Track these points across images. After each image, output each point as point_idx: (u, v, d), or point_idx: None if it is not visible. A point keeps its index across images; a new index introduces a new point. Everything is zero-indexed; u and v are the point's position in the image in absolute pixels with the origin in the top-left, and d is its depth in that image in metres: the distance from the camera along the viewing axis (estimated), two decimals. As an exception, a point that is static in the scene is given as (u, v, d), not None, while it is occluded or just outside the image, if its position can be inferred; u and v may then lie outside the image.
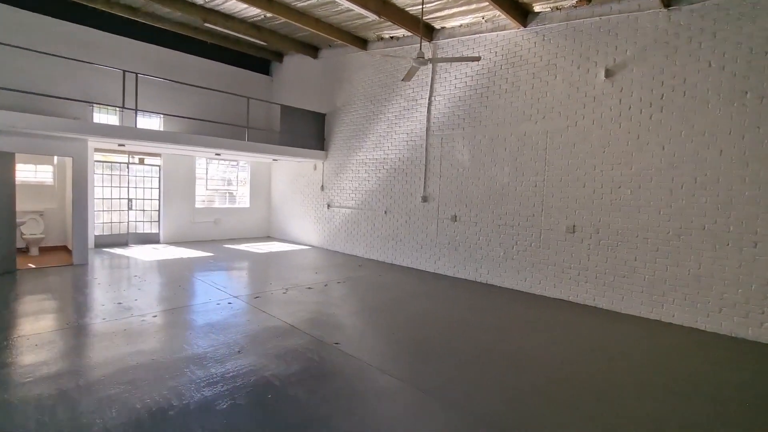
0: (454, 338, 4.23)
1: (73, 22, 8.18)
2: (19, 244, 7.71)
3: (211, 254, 8.54)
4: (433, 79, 7.50)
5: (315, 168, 10.13)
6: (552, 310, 5.41)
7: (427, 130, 7.62)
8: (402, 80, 5.80)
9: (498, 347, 4.05)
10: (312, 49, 9.79)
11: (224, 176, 11.01)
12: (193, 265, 7.42)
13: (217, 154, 9.35)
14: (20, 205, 7.77)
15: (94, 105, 8.36)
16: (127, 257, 7.86)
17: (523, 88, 6.30)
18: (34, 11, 7.73)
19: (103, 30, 8.59)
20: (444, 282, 6.82)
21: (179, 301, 5.13)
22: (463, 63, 6.97)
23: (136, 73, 6.99)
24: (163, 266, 7.19)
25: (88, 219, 8.38)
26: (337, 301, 5.47)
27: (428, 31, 7.32)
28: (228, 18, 8.08)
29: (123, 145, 7.89)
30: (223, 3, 7.44)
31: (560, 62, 5.90)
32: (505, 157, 6.53)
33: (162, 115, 9.33)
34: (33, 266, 6.68)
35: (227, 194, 11.08)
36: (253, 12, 7.72)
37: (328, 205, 9.70)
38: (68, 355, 3.49)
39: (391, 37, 8.08)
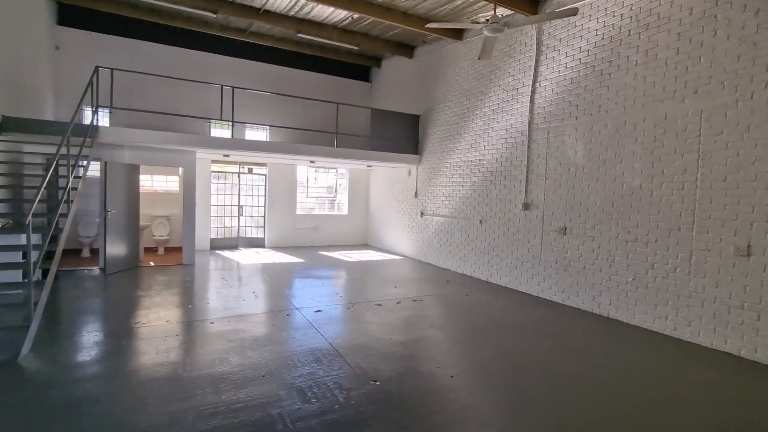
0: (558, 406, 3.05)
1: (195, 49, 9.24)
2: (152, 245, 8.92)
3: (302, 260, 8.60)
4: (537, 61, 6.20)
5: (409, 173, 9.53)
6: (718, 369, 3.69)
7: (530, 123, 6.32)
8: (479, 59, 4.81)
9: None
10: (407, 49, 9.28)
11: (324, 184, 11.23)
12: (279, 270, 7.49)
13: (311, 162, 9.50)
14: (153, 210, 9.01)
15: (211, 120, 9.29)
16: (229, 260, 8.38)
17: (662, 55, 4.64)
18: (166, 44, 8.95)
19: (220, 53, 9.52)
20: (548, 310, 5.43)
21: (244, 309, 5.01)
22: (575, 36, 5.56)
23: (233, 87, 7.41)
24: (253, 270, 7.40)
25: (198, 223, 9.27)
26: (403, 324, 4.69)
27: (533, 5, 6.08)
28: (320, 26, 8.10)
29: (227, 156, 8.52)
30: (312, 10, 7.45)
31: (723, 11, 4.13)
32: (635, 151, 4.90)
33: (268, 127, 9.93)
34: (152, 264, 7.54)
35: (327, 201, 11.26)
36: (340, 15, 7.57)
37: (422, 213, 8.98)
38: (107, 358, 3.49)
39: (487, 21, 7.01)
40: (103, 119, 8.51)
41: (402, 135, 9.09)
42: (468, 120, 7.65)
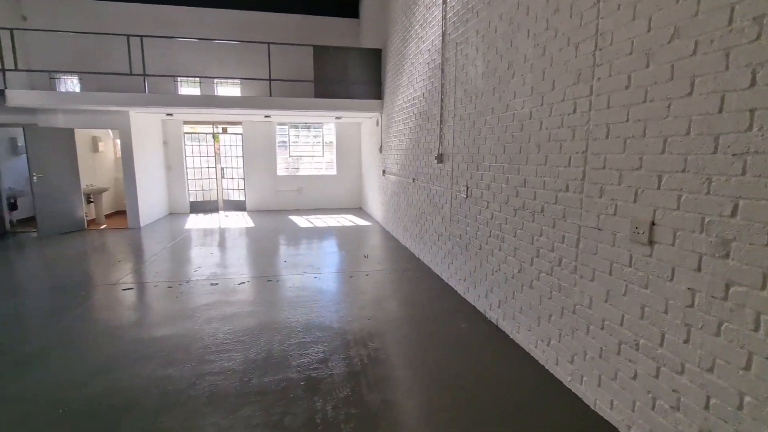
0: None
1: (158, 4, 8.81)
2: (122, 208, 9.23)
3: (253, 225, 7.96)
4: (447, -65, 4.10)
5: (377, 124, 7.95)
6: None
7: (443, 35, 4.34)
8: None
9: None
10: (369, -35, 7.43)
11: (310, 142, 10.22)
12: (209, 235, 6.95)
13: (266, 116, 8.54)
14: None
15: (179, 78, 8.97)
16: (181, 224, 8.15)
17: None
18: (127, 1, 8.69)
19: (186, 5, 8.95)
20: (441, 307, 3.80)
21: (68, 280, 4.55)
22: None
23: (139, 36, 6.70)
24: (183, 235, 6.99)
25: (173, 186, 9.23)
26: (178, 313, 3.67)
27: None
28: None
29: (171, 115, 8.09)
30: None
31: None
32: (527, 53, 2.83)
33: (239, 81, 9.25)
34: (103, 227, 7.71)
35: (313, 161, 10.28)
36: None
37: (384, 171, 7.45)
38: None
39: None
40: (69, 85, 8.79)
41: (363, 76, 7.50)
42: (407, 44, 5.78)
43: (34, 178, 6.61)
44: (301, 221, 8.42)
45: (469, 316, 3.56)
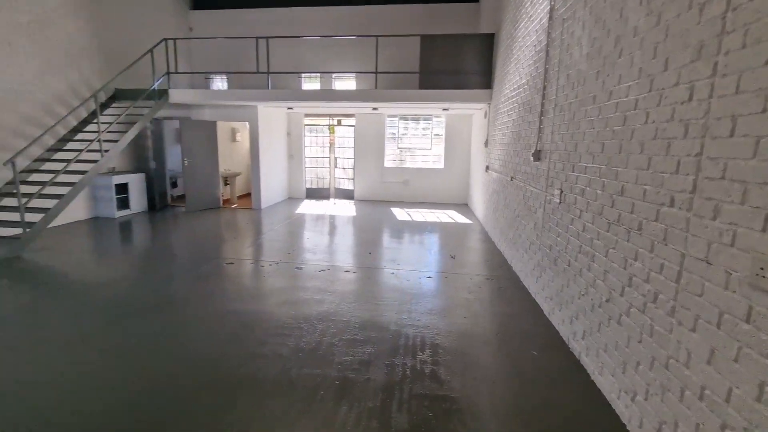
0: None
1: (285, 6, 9.67)
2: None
3: (354, 214, 8.26)
4: None
5: (485, 116, 7.40)
6: None
7: (551, 11, 3.71)
8: None
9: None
10: (488, -57, 6.86)
11: (419, 134, 10.09)
12: (314, 221, 7.46)
13: (374, 109, 8.65)
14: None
15: (302, 75, 9.77)
16: (292, 209, 8.91)
17: None
18: (261, 7, 9.74)
19: (308, 5, 9.63)
20: (519, 325, 3.38)
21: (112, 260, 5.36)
22: None
23: (266, 38, 7.39)
24: (295, 219, 7.65)
25: (293, 174, 10.15)
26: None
27: None
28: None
29: (291, 108, 8.81)
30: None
31: None
32: (638, 26, 2.19)
33: (354, 74, 9.64)
34: (234, 206, 8.92)
35: (421, 154, 10.14)
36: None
37: (487, 167, 6.93)
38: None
39: None
40: (221, 84, 10.28)
41: (473, 65, 7.05)
42: (516, 25, 5.18)
43: (185, 162, 7.99)
44: (401, 214, 8.43)
45: (548, 342, 3.04)
